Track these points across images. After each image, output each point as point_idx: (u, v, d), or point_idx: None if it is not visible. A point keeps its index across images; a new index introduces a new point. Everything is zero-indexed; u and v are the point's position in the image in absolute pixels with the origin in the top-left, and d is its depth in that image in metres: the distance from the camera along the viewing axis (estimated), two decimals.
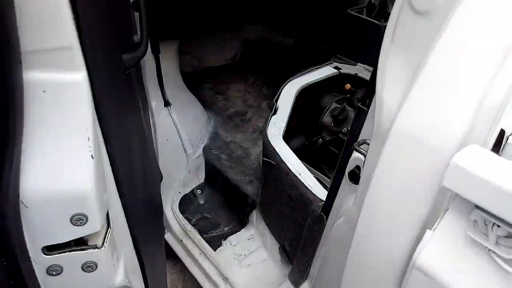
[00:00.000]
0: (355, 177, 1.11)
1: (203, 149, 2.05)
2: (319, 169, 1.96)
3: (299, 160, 1.53)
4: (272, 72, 2.70)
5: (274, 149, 1.56)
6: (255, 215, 1.81)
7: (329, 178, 1.98)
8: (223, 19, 2.58)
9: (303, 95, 1.92)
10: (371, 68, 2.09)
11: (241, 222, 1.85)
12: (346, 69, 2.08)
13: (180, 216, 1.86)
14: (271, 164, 1.56)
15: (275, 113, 1.80)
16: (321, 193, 1.35)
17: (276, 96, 1.88)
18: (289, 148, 1.58)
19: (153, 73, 1.82)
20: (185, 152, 1.98)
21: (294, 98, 1.87)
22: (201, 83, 2.55)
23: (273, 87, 2.61)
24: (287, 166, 1.48)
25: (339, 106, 1.91)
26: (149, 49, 1.74)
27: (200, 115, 2.17)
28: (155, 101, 1.85)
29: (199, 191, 2.01)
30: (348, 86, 1.98)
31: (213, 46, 2.71)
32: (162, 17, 1.89)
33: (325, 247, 1.14)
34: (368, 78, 2.02)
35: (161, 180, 1.76)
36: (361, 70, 2.06)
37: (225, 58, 2.77)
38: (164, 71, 1.87)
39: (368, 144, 0.95)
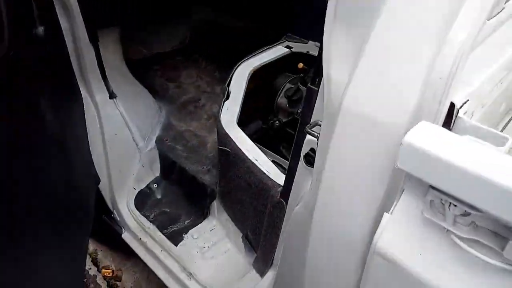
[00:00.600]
0: (310, 160, 1.07)
1: (156, 141, 1.95)
2: (278, 152, 1.92)
3: (255, 145, 1.47)
4: (224, 56, 2.61)
5: (228, 135, 1.50)
6: (215, 205, 1.75)
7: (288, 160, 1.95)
8: (169, 2, 2.45)
9: (256, 77, 1.85)
10: None
11: (202, 214, 1.79)
12: (298, 48, 2.03)
13: (137, 213, 1.77)
14: (227, 152, 1.50)
15: (227, 98, 1.73)
16: (280, 178, 1.30)
17: (228, 80, 1.81)
18: (243, 134, 1.52)
19: (94, 63, 1.69)
20: (137, 145, 1.87)
21: (247, 81, 1.81)
22: (149, 71, 2.42)
23: (226, 71, 2.53)
24: (242, 152, 1.42)
25: (293, 86, 1.87)
26: (87, 38, 1.61)
27: (149, 105, 2.06)
28: (99, 94, 1.73)
29: (155, 185, 1.92)
30: (300, 65, 1.94)
31: (160, 31, 2.57)
32: (98, 3, 1.75)
33: (286, 234, 1.10)
34: None
35: (98, 183, 1.67)
36: (313, 48, 2.02)
37: (174, 43, 2.65)
38: (106, 61, 1.74)
39: (320, 125, 0.90)
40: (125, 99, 1.83)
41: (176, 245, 1.67)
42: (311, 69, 1.95)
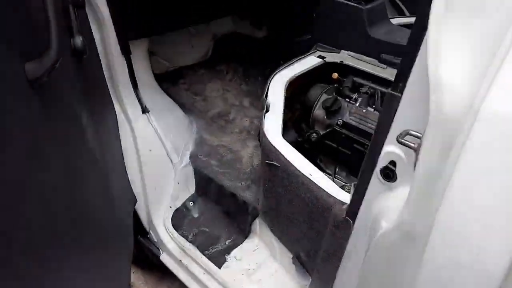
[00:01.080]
0: (389, 174, 0.97)
1: (190, 157, 1.86)
2: (316, 166, 1.83)
3: (307, 160, 1.38)
4: (249, 67, 2.55)
5: (276, 149, 1.40)
6: (257, 224, 1.65)
7: (329, 174, 1.86)
8: (191, 14, 2.39)
9: (291, 88, 1.78)
10: (355, 54, 2.00)
11: (243, 233, 1.68)
12: (331, 57, 1.96)
13: (175, 233, 1.67)
14: (275, 166, 1.41)
15: (267, 110, 1.64)
16: (340, 194, 1.20)
17: (265, 92, 1.73)
18: (292, 147, 1.43)
19: (126, 77, 1.61)
20: (171, 162, 1.78)
21: (284, 92, 1.72)
22: (175, 85, 2.34)
23: (252, 83, 2.46)
24: (295, 167, 1.32)
25: (330, 97, 1.78)
26: (119, 50, 1.53)
27: (181, 119, 1.97)
28: (131, 109, 1.64)
29: (191, 203, 1.82)
30: (335, 75, 1.86)
31: (182, 44, 2.51)
32: (129, 13, 1.68)
33: (366, 258, 0.99)
34: (353, 64, 1.92)
35: (135, 203, 1.57)
36: (346, 57, 1.95)
37: (196, 56, 2.57)
38: (136, 74, 1.66)
39: (416, 136, 0.81)
40: (157, 114, 1.74)
41: (219, 267, 1.56)
42: (345, 79, 1.87)
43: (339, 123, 1.72)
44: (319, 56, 1.96)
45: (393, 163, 0.95)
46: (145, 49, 1.84)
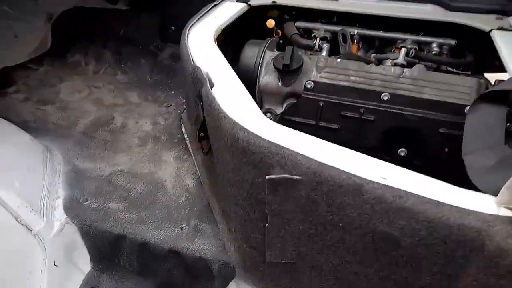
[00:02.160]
0: None
1: (65, 209, 0.99)
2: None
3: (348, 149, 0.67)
4: (120, 49, 1.70)
5: (282, 147, 0.66)
6: None
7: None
8: None
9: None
10: None
11: None
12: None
13: None
14: (290, 182, 0.67)
15: (212, 85, 0.90)
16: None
17: (191, 62, 0.99)
18: (300, 132, 0.71)
19: None
20: (30, 230, 0.89)
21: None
22: (5, 98, 1.40)
23: (132, 68, 1.63)
24: (341, 170, 0.60)
25: (280, 52, 1.13)
26: None
27: (27, 148, 1.08)
28: None
29: None
30: (271, 23, 1.26)
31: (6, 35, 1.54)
32: None
33: None
34: (294, 3, 1.30)
35: None
36: None
37: (27, 49, 1.62)
38: None
39: None
40: None
41: None
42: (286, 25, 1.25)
43: (308, 86, 1.05)
44: (239, 0, 1.28)
45: None
46: None
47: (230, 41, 1.18)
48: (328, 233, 0.61)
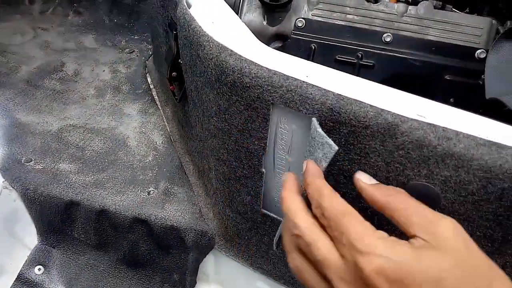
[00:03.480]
0: None
1: (2, 172, 0.80)
2: None
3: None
4: None
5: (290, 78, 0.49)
6: (213, 263, 0.77)
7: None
8: None
9: None
10: None
11: None
12: None
13: None
14: None
15: (189, 5, 0.71)
16: None
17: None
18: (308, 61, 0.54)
19: None
20: None
21: None
22: None
23: (86, 6, 1.39)
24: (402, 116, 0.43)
25: None
26: None
27: None
28: None
29: (38, 269, 0.80)
30: None
31: None
32: None
33: None
34: None
35: None
36: None
37: None
38: None
39: None
40: None
41: None
42: None
43: (299, 24, 0.89)
44: None
45: None
46: None
47: None
48: (342, 187, 0.47)
